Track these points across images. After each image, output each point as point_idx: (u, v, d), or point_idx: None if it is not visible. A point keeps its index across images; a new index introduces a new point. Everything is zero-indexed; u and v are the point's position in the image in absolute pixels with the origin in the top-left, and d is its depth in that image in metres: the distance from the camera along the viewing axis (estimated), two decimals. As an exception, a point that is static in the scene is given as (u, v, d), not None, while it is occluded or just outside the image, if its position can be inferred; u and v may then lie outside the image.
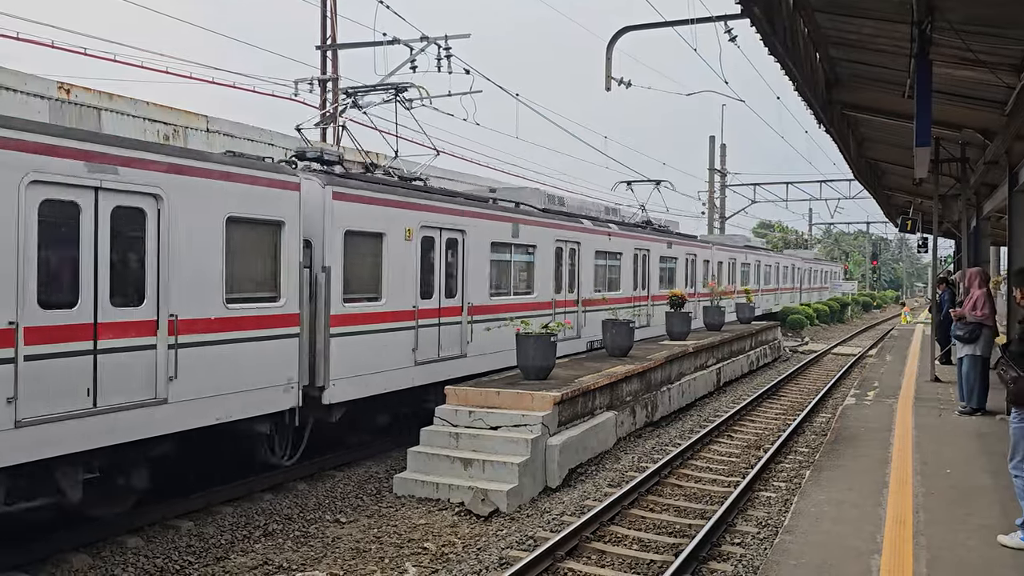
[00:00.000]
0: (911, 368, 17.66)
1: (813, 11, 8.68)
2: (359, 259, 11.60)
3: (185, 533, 9.13)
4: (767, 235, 75.18)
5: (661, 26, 17.33)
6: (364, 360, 11.45)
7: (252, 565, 8.37)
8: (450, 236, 13.57)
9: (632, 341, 16.63)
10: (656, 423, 15.50)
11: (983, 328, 11.40)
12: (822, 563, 6.15)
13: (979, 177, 15.25)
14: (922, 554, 6.27)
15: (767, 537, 8.75)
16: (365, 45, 20.84)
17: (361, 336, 11.43)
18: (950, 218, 21.68)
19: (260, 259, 10.07)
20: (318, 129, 21.00)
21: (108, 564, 8.21)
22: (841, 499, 7.80)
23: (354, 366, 11.25)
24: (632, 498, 10.18)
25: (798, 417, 15.83)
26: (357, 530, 9.49)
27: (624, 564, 8.17)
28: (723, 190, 44.01)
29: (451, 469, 10.82)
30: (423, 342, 12.74)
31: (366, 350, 11.49)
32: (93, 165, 7.91)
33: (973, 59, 8.38)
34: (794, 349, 33.07)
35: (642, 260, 21.75)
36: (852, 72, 11.17)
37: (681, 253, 24.95)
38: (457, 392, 12.01)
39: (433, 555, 8.65)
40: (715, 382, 20.17)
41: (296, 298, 10.32)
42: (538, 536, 8.87)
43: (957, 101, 10.84)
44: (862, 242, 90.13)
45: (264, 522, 9.66)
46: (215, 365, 9.24)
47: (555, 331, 13.25)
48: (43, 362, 7.49)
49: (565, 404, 11.85)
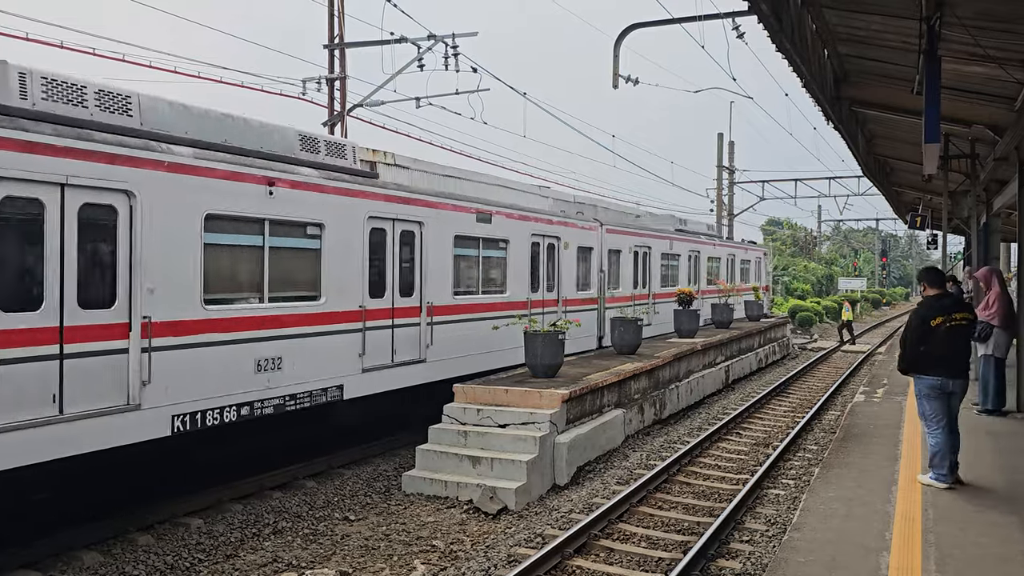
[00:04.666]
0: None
1: (821, 7, 8.65)
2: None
3: (195, 531, 9.17)
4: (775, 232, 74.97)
5: (669, 23, 17.30)
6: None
7: (261, 563, 8.40)
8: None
9: (640, 339, 16.60)
10: (665, 421, 15.48)
11: (994, 328, 11.33)
12: (831, 560, 6.14)
13: (989, 173, 15.16)
14: (931, 552, 6.25)
15: (776, 535, 8.74)
16: (373, 44, 20.87)
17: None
18: (960, 215, 21.54)
19: None
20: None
21: (119, 561, 8.25)
22: (850, 496, 7.78)
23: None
24: (641, 495, 10.17)
25: (807, 414, 15.80)
26: (366, 528, 9.52)
27: (633, 562, 8.17)
28: (731, 187, 43.90)
29: (459, 467, 10.84)
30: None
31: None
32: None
33: (982, 54, 8.33)
34: (803, 346, 32.99)
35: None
36: (860, 68, 11.13)
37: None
38: (465, 390, 12.03)
39: (442, 553, 8.67)
40: (724, 379, 20.14)
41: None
42: (546, 534, 8.87)
43: (966, 97, 10.79)
44: (871, 239, 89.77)
45: (273, 520, 9.69)
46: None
47: (563, 329, 13.25)
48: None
49: (573, 402, 11.85)
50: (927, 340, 7.80)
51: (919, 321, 7.85)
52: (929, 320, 7.79)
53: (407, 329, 12.45)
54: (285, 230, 10.44)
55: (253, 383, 9.81)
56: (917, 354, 7.86)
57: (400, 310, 12.34)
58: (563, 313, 16.71)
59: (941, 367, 7.78)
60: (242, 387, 9.68)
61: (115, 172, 8.27)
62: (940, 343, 7.77)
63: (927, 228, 25.56)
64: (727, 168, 43.30)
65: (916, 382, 8.05)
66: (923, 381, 7.91)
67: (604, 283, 18.97)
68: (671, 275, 23.70)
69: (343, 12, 21.13)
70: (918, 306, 8.10)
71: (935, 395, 7.85)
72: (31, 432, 7.43)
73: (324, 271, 10.96)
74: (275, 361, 10.07)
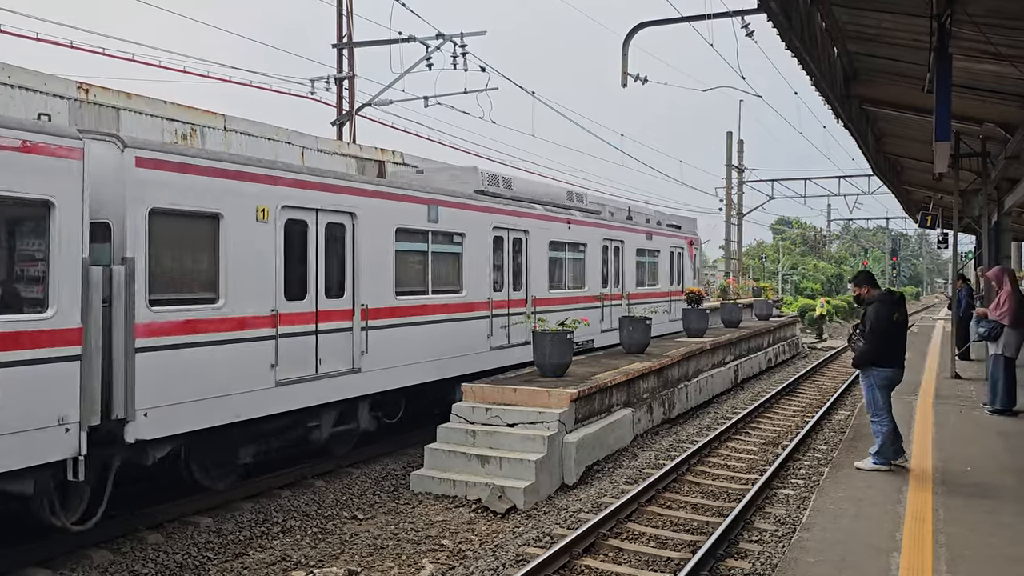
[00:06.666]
0: (931, 365, 17.51)
1: (831, 5, 8.62)
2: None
3: (204, 529, 9.20)
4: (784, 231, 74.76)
5: (677, 21, 17.27)
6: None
7: (270, 561, 8.42)
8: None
9: (649, 338, 16.56)
10: (673, 420, 15.46)
11: (1004, 328, 11.27)
12: (840, 560, 6.11)
13: (1000, 172, 15.09)
14: (942, 552, 6.22)
15: (785, 534, 8.71)
16: (381, 43, 20.91)
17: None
18: (970, 213, 21.45)
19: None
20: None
21: (128, 560, 8.28)
22: (860, 496, 7.74)
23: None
24: (649, 495, 10.16)
25: (816, 414, 15.75)
26: (374, 527, 9.53)
27: (641, 561, 8.15)
28: (740, 186, 43.79)
29: (468, 466, 10.84)
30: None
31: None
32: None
33: (994, 52, 8.29)
34: (812, 346, 32.90)
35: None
36: (870, 66, 11.09)
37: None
38: (474, 389, 12.03)
39: (450, 552, 8.67)
40: (733, 379, 20.09)
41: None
42: (555, 533, 8.86)
43: (977, 95, 10.74)
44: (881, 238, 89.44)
45: (282, 518, 9.71)
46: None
47: (572, 328, 13.24)
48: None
49: (582, 401, 11.84)
50: (888, 335, 8.54)
51: (887, 317, 8.48)
52: (891, 317, 8.51)
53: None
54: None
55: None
56: (880, 349, 8.53)
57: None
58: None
59: (895, 359, 8.63)
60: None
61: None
62: (895, 338, 8.61)
63: (938, 227, 25.48)
64: (736, 167, 43.19)
65: (870, 375, 8.65)
66: (880, 373, 8.59)
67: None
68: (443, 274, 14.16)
69: (351, 11, 21.16)
70: (877, 305, 8.58)
71: (886, 385, 8.65)
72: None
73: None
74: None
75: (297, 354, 10.30)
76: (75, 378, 7.61)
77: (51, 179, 7.44)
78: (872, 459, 8.71)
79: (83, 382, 7.67)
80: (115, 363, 8.14)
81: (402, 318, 12.18)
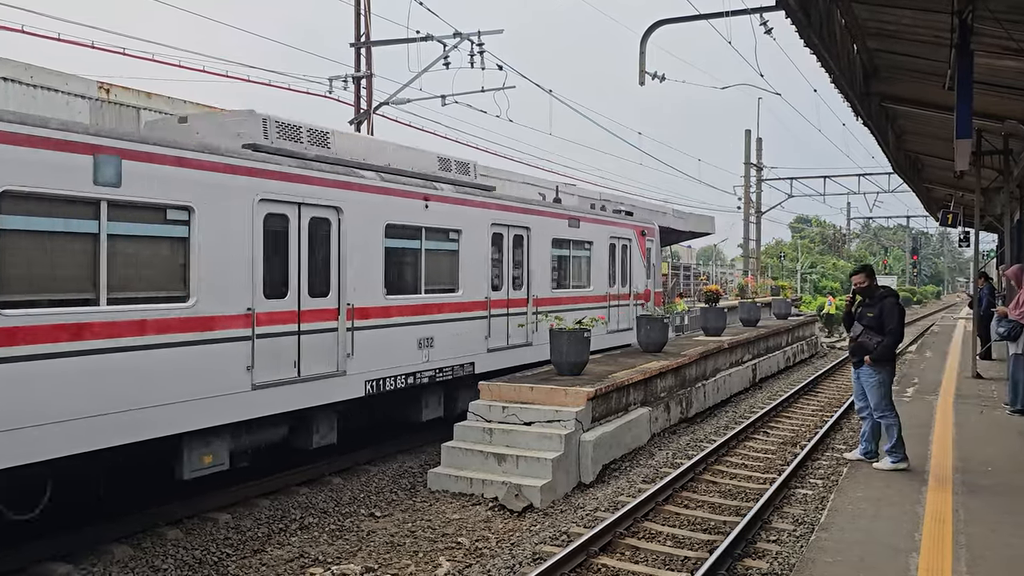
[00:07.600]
0: (951, 364, 17.36)
1: (850, 2, 8.56)
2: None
3: (223, 525, 9.27)
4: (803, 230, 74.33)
5: (695, 19, 17.16)
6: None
7: (288, 558, 8.48)
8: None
9: (667, 337, 16.50)
10: (691, 419, 15.41)
11: (1023, 327, 11.15)
12: (859, 561, 6.07)
13: (1022, 169, 14.92)
14: (962, 553, 6.17)
15: (803, 534, 8.66)
16: (398, 42, 20.97)
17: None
18: (992, 212, 21.25)
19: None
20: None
21: (148, 555, 8.36)
22: (879, 496, 7.70)
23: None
24: (666, 494, 10.13)
25: (835, 413, 15.63)
26: (391, 524, 9.56)
27: (658, 560, 8.14)
28: (759, 184, 43.56)
29: (485, 464, 10.85)
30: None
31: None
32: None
33: (1016, 48, 8.20)
34: (831, 345, 32.68)
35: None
36: (890, 63, 10.99)
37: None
38: (491, 388, 12.04)
39: (467, 550, 8.69)
40: (751, 378, 19.99)
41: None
42: (571, 532, 8.86)
43: (999, 92, 10.62)
44: (902, 237, 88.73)
45: (300, 515, 9.77)
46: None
47: (589, 327, 13.21)
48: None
49: (599, 400, 11.82)
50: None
51: (903, 312, 8.51)
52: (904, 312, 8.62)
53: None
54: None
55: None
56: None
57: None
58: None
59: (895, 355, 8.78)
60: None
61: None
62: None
63: (959, 225, 25.26)
64: (755, 165, 42.97)
65: (880, 372, 8.56)
66: (892, 369, 8.70)
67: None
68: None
69: (369, 11, 21.23)
70: (893, 300, 8.54)
71: (892, 380, 8.78)
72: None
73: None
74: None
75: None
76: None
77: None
78: (890, 458, 8.69)
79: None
80: None
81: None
